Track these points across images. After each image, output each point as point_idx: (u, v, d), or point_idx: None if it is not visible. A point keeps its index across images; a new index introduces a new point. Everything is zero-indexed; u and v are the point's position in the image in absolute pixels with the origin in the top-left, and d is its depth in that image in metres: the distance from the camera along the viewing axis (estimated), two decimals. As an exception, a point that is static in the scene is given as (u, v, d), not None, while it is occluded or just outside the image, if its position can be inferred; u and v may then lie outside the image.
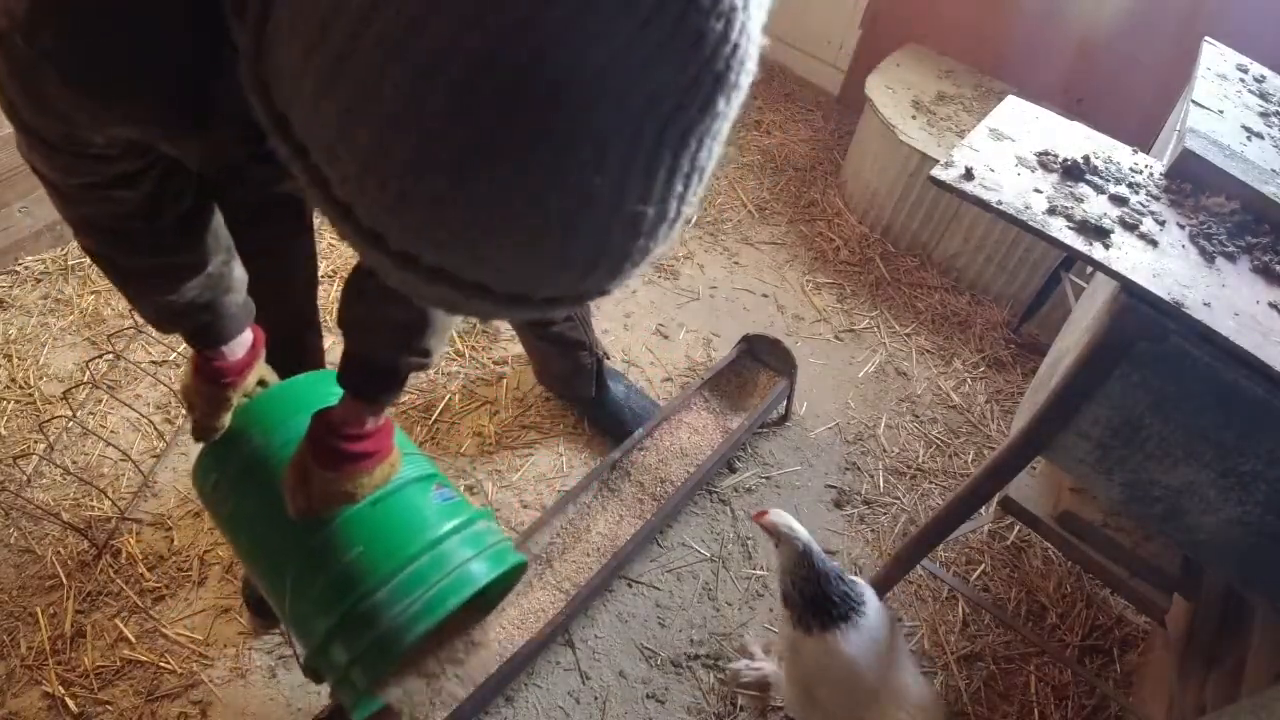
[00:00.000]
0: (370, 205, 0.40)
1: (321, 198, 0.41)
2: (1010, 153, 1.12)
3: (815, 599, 1.15)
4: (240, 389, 1.00)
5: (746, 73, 0.38)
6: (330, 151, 0.39)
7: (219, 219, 0.88)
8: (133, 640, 1.36)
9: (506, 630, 1.39)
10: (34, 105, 0.63)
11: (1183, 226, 1.04)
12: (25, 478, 1.54)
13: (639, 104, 0.36)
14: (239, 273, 0.93)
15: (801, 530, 1.17)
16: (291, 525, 0.98)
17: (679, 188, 0.40)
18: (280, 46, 0.40)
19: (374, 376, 0.92)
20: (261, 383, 1.08)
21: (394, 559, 0.97)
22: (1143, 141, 1.31)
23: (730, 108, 0.39)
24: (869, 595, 1.21)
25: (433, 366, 0.98)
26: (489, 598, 1.16)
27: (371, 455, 0.94)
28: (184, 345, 1.72)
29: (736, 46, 0.36)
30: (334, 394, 0.95)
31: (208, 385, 0.97)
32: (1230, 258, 1.01)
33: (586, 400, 1.73)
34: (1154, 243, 1.00)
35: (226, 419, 1.03)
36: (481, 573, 1.00)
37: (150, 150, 0.72)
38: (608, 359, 1.74)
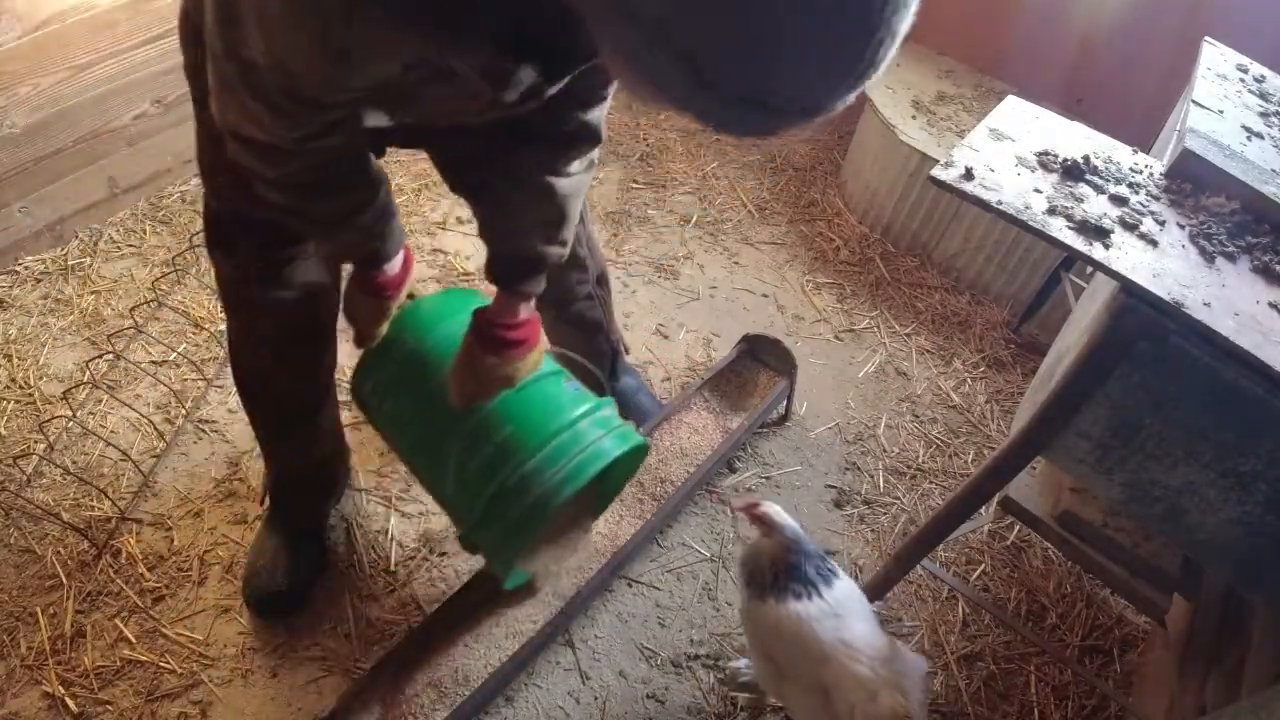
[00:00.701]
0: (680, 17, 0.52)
1: (642, 42, 0.54)
2: (1010, 153, 1.12)
3: (788, 575, 1.16)
4: (397, 300, 1.15)
5: None
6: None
7: (372, 157, 1.00)
8: (133, 640, 1.36)
9: (507, 629, 1.39)
10: (325, 57, 0.74)
11: (1183, 226, 1.04)
12: (25, 478, 1.54)
13: None
14: (394, 202, 1.06)
15: (791, 521, 1.18)
16: (449, 413, 1.17)
17: (908, 14, 0.52)
18: None
19: (523, 269, 1.07)
20: (410, 295, 1.23)
21: (539, 436, 1.17)
22: (1143, 141, 1.31)
23: None
24: (843, 576, 1.21)
25: (566, 254, 1.13)
26: (611, 484, 1.41)
27: (525, 342, 1.11)
28: (184, 345, 1.73)
29: None
30: (473, 303, 1.15)
31: (370, 299, 1.12)
32: (1230, 258, 1.01)
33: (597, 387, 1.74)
34: (1154, 243, 1.00)
35: (384, 328, 1.19)
36: (612, 448, 1.20)
37: (364, 97, 0.84)
38: (626, 352, 1.77)
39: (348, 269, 1.16)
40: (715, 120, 0.58)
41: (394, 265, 1.10)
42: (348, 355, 1.32)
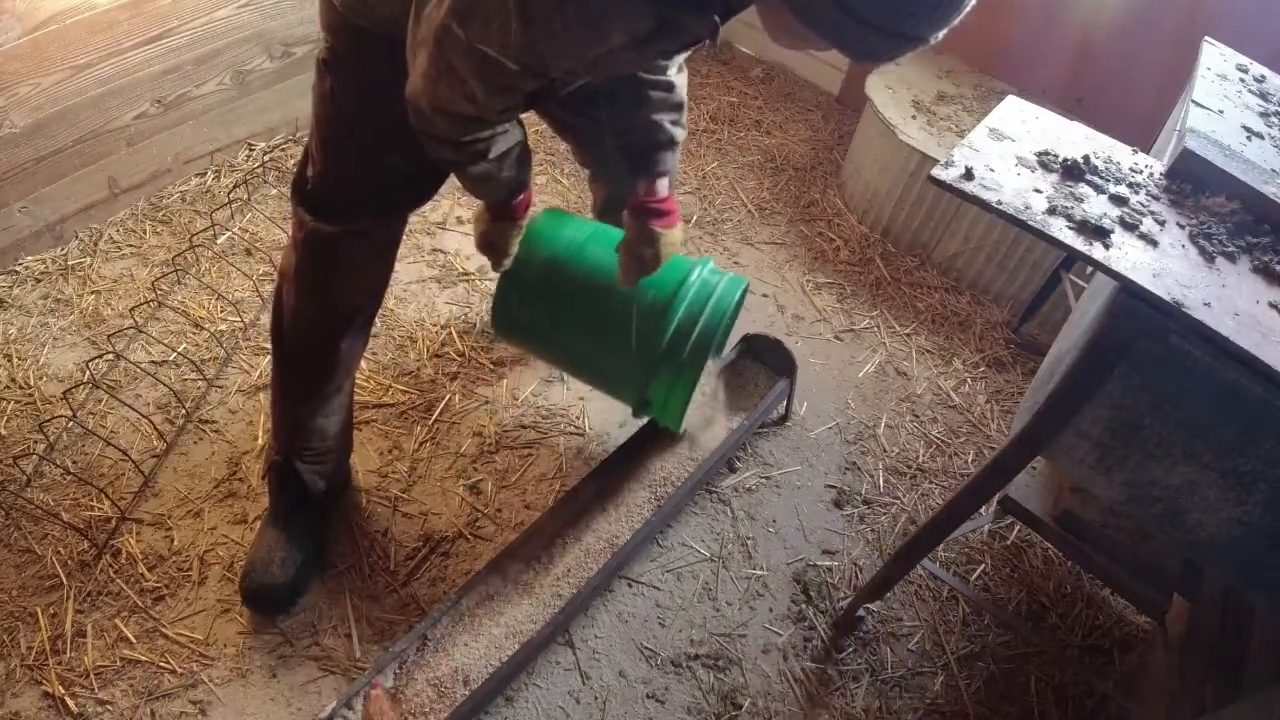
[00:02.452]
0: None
1: None
2: (1010, 153, 1.12)
3: None
4: (527, 220, 1.34)
5: None
6: None
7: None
8: (133, 640, 1.36)
9: (507, 629, 1.39)
10: (586, 38, 0.89)
11: (1183, 226, 1.04)
12: (25, 478, 1.54)
13: None
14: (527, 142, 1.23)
15: None
16: (599, 294, 1.43)
17: None
18: None
19: (657, 150, 1.27)
20: None
21: (680, 290, 1.43)
22: (1143, 141, 1.31)
23: None
24: None
25: (685, 130, 1.33)
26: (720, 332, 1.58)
27: (675, 211, 1.31)
28: (184, 345, 1.73)
29: None
30: (570, 218, 1.53)
31: (505, 223, 1.31)
32: (1230, 258, 1.01)
33: None
34: (1154, 243, 1.00)
35: (515, 246, 1.37)
36: (734, 288, 1.50)
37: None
38: None
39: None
40: (849, 39, 0.77)
41: (527, 191, 1.28)
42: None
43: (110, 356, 1.71)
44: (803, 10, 0.77)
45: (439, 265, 2.07)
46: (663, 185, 1.29)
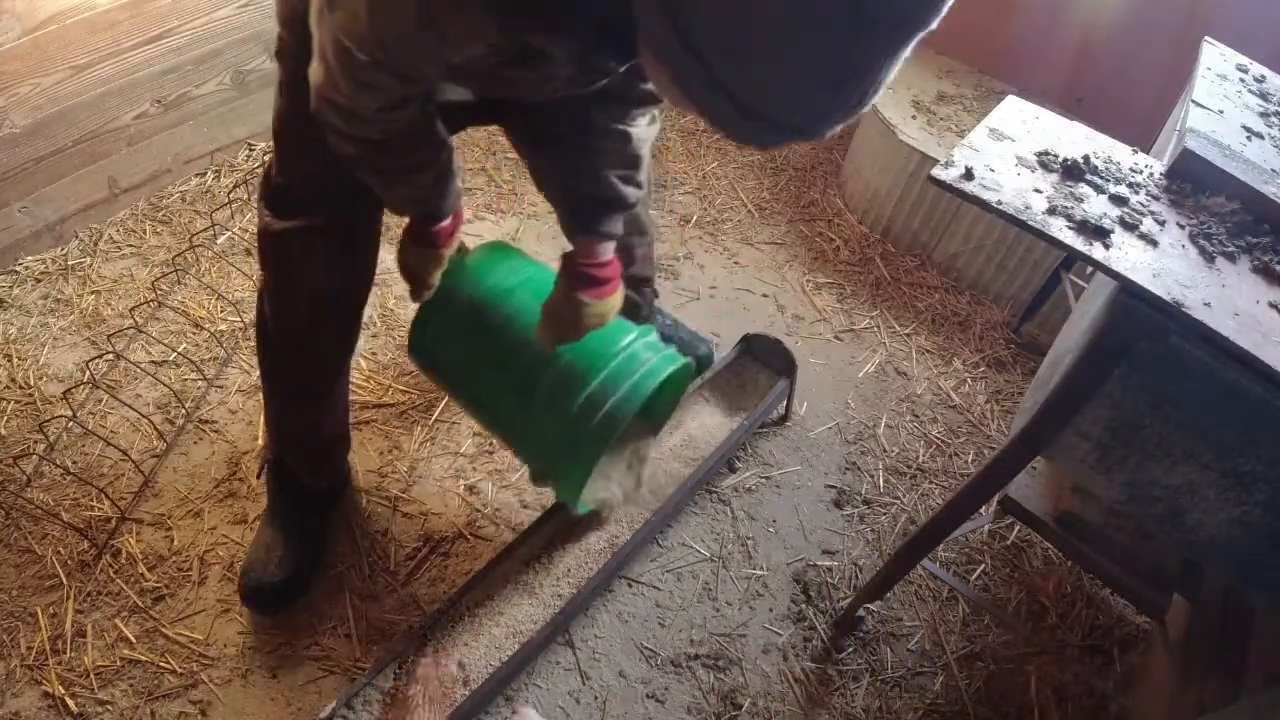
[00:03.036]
0: (721, 55, 0.63)
1: (678, 46, 0.64)
2: (1010, 153, 1.12)
3: None
4: (449, 251, 1.23)
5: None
6: (719, 21, 0.62)
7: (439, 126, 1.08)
8: (133, 640, 1.36)
9: (507, 629, 1.39)
10: (431, 40, 0.82)
11: (1183, 226, 1.04)
12: (25, 478, 1.54)
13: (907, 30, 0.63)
14: (455, 167, 1.14)
15: None
16: (510, 351, 1.28)
17: (893, 72, 0.66)
18: None
19: (604, 210, 1.15)
20: (458, 249, 1.30)
21: (599, 361, 1.26)
22: (1143, 141, 1.31)
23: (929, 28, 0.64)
24: None
25: (644, 194, 1.22)
26: (657, 414, 1.52)
27: (613, 280, 1.19)
28: (184, 345, 1.73)
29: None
30: (514, 255, 1.34)
31: (424, 249, 1.20)
32: (1230, 258, 1.01)
33: None
34: (1154, 243, 1.00)
35: (437, 277, 1.26)
36: (664, 366, 1.30)
37: (451, 74, 0.94)
38: (657, 295, 1.86)
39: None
40: (726, 124, 0.68)
41: (447, 220, 1.19)
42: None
43: (110, 356, 1.71)
44: (679, 80, 0.67)
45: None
46: (603, 249, 1.18)
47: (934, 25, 0.63)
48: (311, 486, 1.45)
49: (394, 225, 1.32)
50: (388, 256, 1.51)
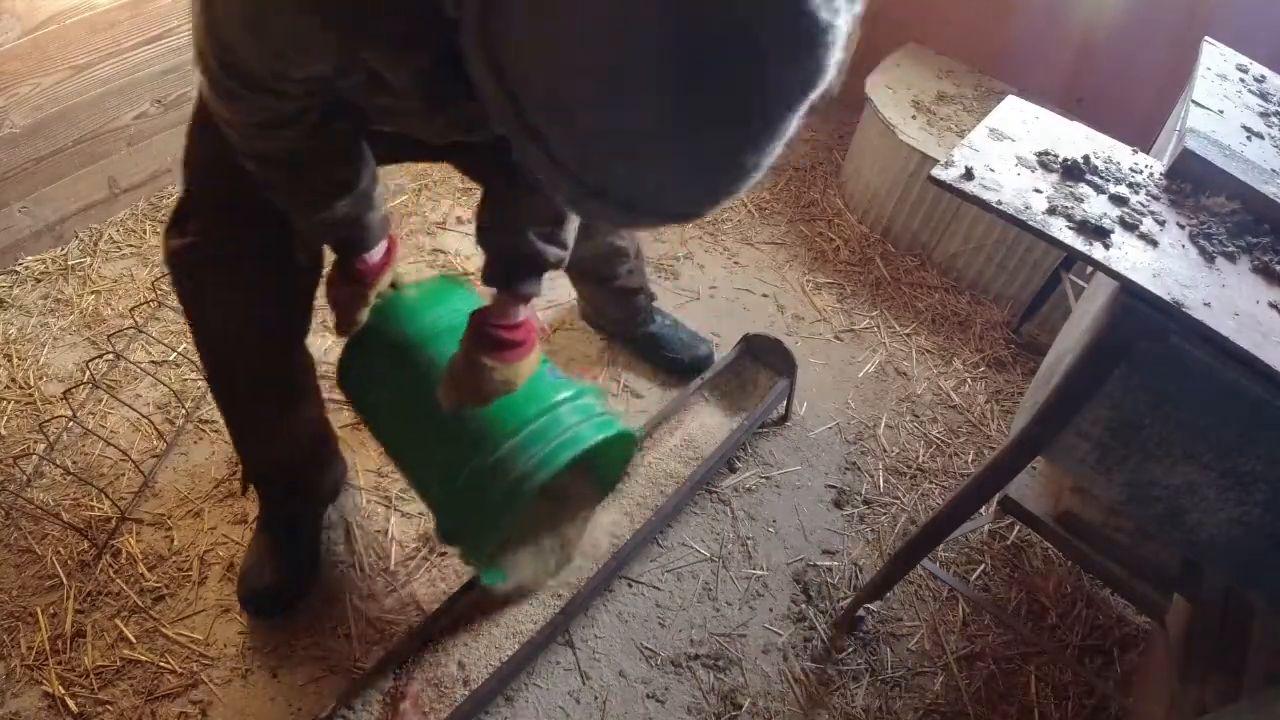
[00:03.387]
0: (555, 129, 0.54)
1: (514, 120, 0.55)
2: (1010, 153, 1.12)
3: None
4: (376, 288, 1.14)
5: (827, 81, 0.52)
6: (548, 99, 0.53)
7: (366, 147, 1.01)
8: (133, 640, 1.36)
9: (507, 629, 1.39)
10: (255, 40, 0.75)
11: (1183, 226, 1.04)
12: (25, 478, 1.54)
13: (784, 98, 0.51)
14: (380, 191, 1.06)
15: None
16: (427, 401, 1.12)
17: (772, 147, 0.54)
18: (504, 18, 0.53)
19: (521, 269, 1.06)
20: (392, 284, 1.21)
21: (516, 421, 1.12)
22: (1143, 141, 1.31)
23: (806, 105, 0.53)
24: None
25: (567, 259, 1.11)
26: (604, 479, 1.35)
27: (524, 343, 1.08)
28: (184, 345, 1.73)
29: (828, 65, 0.50)
30: (459, 293, 1.16)
31: (350, 285, 1.11)
32: (1230, 258, 1.01)
33: (638, 336, 1.87)
34: (1154, 243, 1.00)
35: (364, 314, 1.16)
36: (590, 434, 1.14)
37: (320, 91, 0.84)
38: (654, 298, 1.87)
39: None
40: (579, 208, 0.61)
41: (374, 254, 1.10)
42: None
43: (110, 356, 1.71)
44: (520, 156, 0.58)
45: (439, 265, 2.07)
46: (516, 309, 1.07)
47: (811, 96, 0.52)
48: (306, 496, 1.46)
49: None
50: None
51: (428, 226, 2.16)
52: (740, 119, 0.52)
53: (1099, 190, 1.08)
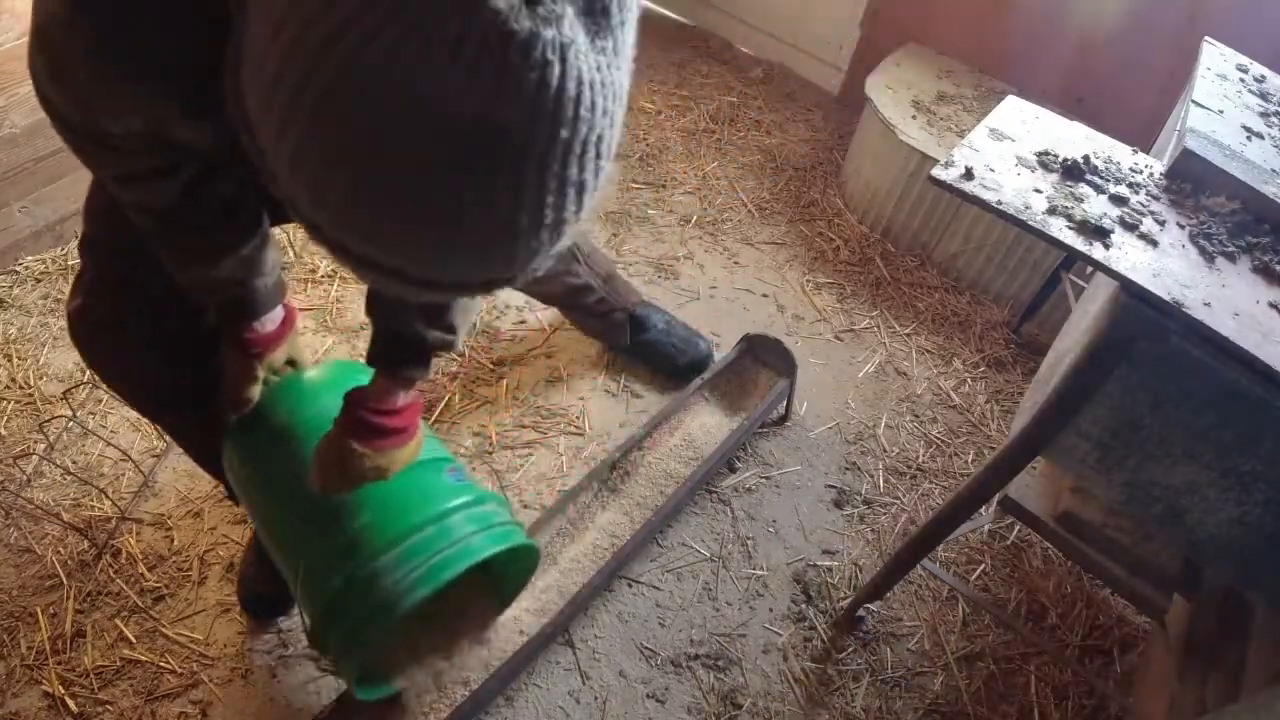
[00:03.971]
0: (300, 195, 0.50)
1: (297, 212, 0.51)
2: (1010, 153, 1.12)
3: None
4: (266, 362, 1.06)
5: (589, 110, 0.46)
6: (272, 152, 0.49)
7: (256, 208, 0.95)
8: (133, 640, 1.36)
9: (507, 629, 1.39)
10: (63, 93, 0.74)
11: (1183, 226, 1.04)
12: (25, 478, 1.54)
13: (486, 139, 0.44)
14: (272, 256, 0.99)
15: None
16: (308, 494, 1.02)
17: (549, 201, 0.48)
18: (245, 59, 0.49)
19: (403, 352, 0.98)
20: (291, 363, 1.13)
21: (399, 527, 1.02)
22: (1143, 141, 1.31)
23: (583, 140, 0.47)
24: None
25: (458, 344, 1.03)
26: (504, 591, 1.26)
27: (402, 431, 0.99)
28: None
29: (564, 94, 0.44)
30: (362, 378, 1.01)
31: (238, 355, 1.03)
32: (1230, 258, 1.01)
33: (625, 348, 1.86)
34: (1154, 243, 1.00)
35: (255, 391, 1.07)
36: (482, 547, 1.04)
37: (162, 145, 0.79)
38: (642, 303, 1.86)
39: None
40: (383, 287, 0.55)
41: (266, 323, 1.03)
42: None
43: (110, 356, 1.71)
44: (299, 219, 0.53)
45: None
46: (396, 395, 0.99)
47: (571, 133, 0.46)
48: None
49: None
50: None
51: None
52: (480, 184, 0.46)
53: (1099, 190, 1.08)
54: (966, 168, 1.06)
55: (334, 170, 0.47)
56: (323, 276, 1.95)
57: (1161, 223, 1.04)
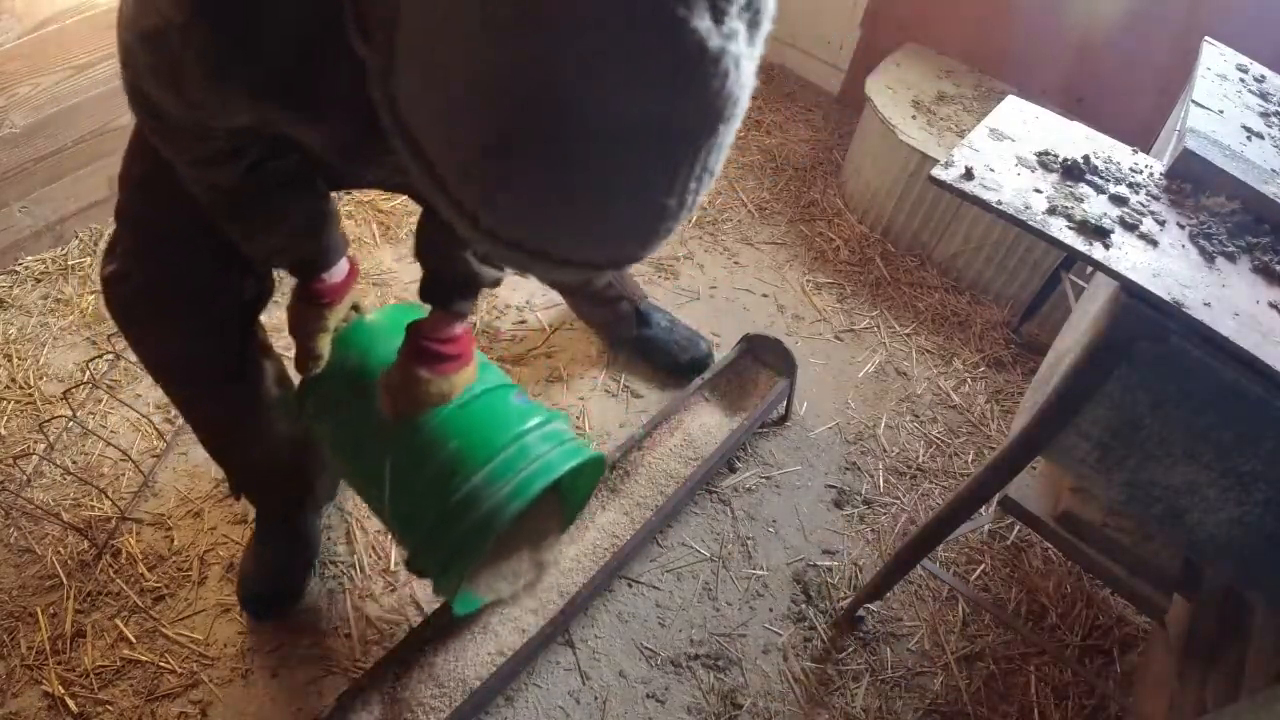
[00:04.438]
0: (466, 190, 0.52)
1: (427, 177, 0.54)
2: (1010, 153, 1.12)
3: None
4: (336, 312, 1.13)
5: (740, 107, 0.50)
6: (441, 151, 0.52)
7: (312, 177, 1.01)
8: (133, 640, 1.36)
9: (507, 629, 1.39)
10: (172, 94, 0.76)
11: (1183, 226, 1.04)
12: (25, 478, 1.54)
13: (663, 135, 0.48)
14: (334, 210, 1.06)
15: None
16: (391, 432, 1.12)
17: (692, 186, 0.52)
18: (404, 75, 0.52)
19: (456, 289, 1.08)
20: (355, 308, 1.21)
21: (484, 451, 1.11)
22: (1143, 141, 1.31)
23: (729, 132, 0.51)
24: None
25: (504, 279, 1.13)
26: (571, 502, 1.34)
27: (459, 357, 1.10)
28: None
29: (732, 95, 0.48)
30: (418, 316, 1.11)
31: (308, 307, 1.10)
32: (1230, 258, 1.01)
33: (630, 340, 1.87)
34: (1154, 243, 1.00)
35: (325, 344, 1.14)
36: (561, 461, 1.13)
37: (254, 133, 0.85)
38: (644, 300, 1.88)
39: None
40: (499, 259, 0.61)
41: (334, 274, 1.09)
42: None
43: (110, 356, 1.71)
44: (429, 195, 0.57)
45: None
46: (452, 326, 1.09)
47: (725, 127, 0.50)
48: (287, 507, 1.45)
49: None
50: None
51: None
52: (648, 170, 0.50)
53: (1099, 190, 1.08)
54: (966, 168, 1.06)
55: (518, 175, 0.49)
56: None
57: (1161, 223, 1.04)
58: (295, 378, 1.20)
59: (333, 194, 1.08)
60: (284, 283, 1.27)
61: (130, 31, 0.75)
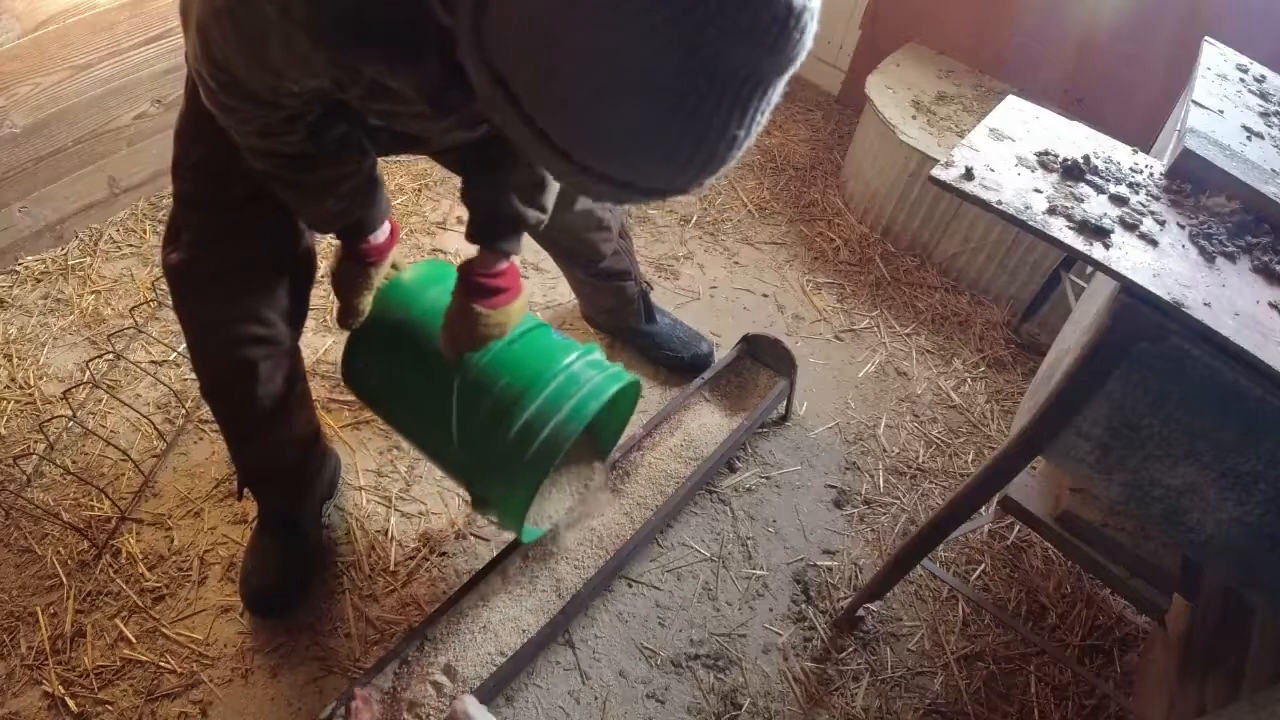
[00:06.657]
0: (555, 125, 0.59)
1: (517, 119, 0.60)
2: (1010, 153, 1.12)
3: None
4: (381, 269, 1.21)
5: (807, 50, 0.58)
6: (546, 99, 0.58)
7: (361, 142, 1.06)
8: (133, 640, 1.36)
9: (507, 629, 1.39)
10: (253, 60, 0.80)
11: (1183, 226, 1.04)
12: (25, 478, 1.54)
13: (749, 82, 0.56)
14: (380, 175, 1.13)
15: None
16: (444, 374, 1.20)
17: (759, 120, 0.60)
18: (494, 21, 0.57)
19: (502, 228, 1.14)
20: (395, 266, 1.28)
21: (538, 381, 1.21)
22: (1143, 141, 1.31)
23: (793, 70, 0.58)
24: None
25: (546, 220, 1.20)
26: (610, 427, 1.47)
27: (509, 290, 1.17)
28: (184, 345, 1.73)
29: (805, 43, 0.56)
30: (452, 272, 1.18)
31: (355, 265, 1.18)
32: (1230, 258, 1.01)
33: (636, 330, 1.88)
34: (1154, 243, 1.00)
35: (368, 302, 1.24)
36: (608, 385, 1.25)
37: (320, 100, 0.91)
38: (650, 289, 1.90)
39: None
40: (583, 190, 0.66)
41: (379, 235, 1.18)
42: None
43: (110, 356, 1.71)
44: (517, 141, 0.63)
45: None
46: (500, 262, 1.16)
47: (791, 70, 0.58)
48: (306, 498, 1.45)
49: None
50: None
51: (428, 226, 2.16)
52: (730, 108, 0.57)
53: (1099, 190, 1.08)
54: (966, 168, 1.06)
55: (616, 114, 0.56)
56: (321, 277, 1.95)
57: (1161, 223, 1.04)
58: (339, 333, 1.26)
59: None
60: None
61: (210, 6, 0.78)
